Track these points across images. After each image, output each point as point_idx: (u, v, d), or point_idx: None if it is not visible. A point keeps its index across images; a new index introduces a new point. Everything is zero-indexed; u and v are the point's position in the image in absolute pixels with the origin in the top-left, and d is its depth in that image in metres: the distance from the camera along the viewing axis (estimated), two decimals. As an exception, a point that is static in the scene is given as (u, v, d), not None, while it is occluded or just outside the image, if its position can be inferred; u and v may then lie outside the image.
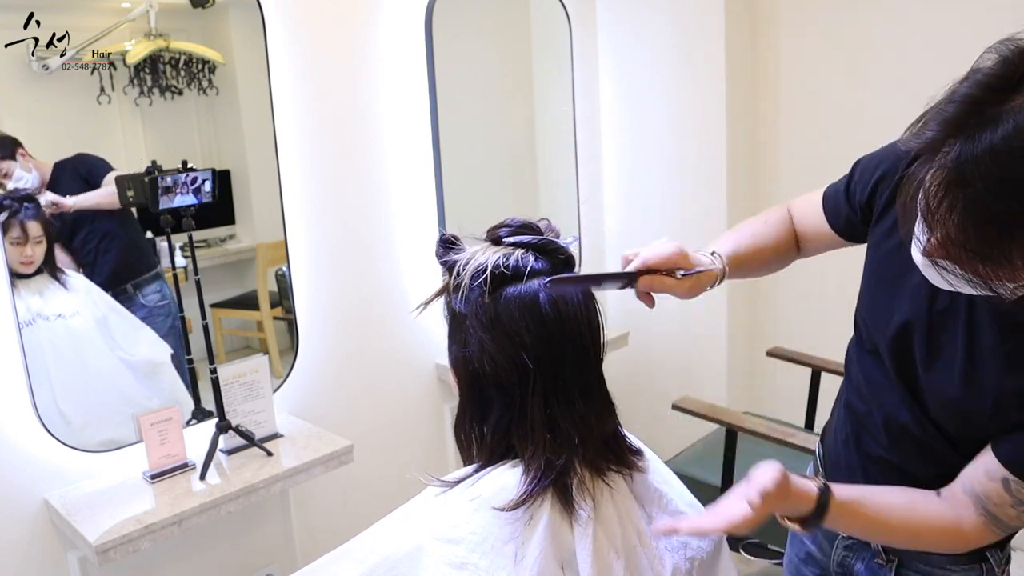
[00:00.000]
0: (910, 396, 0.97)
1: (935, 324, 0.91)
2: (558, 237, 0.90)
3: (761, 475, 0.84)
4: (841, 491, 0.90)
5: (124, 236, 1.83)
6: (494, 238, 0.89)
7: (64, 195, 1.71)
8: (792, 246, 1.17)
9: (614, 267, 2.94)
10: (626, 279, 0.92)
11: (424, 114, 2.23)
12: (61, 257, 1.74)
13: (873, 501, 0.92)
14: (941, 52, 2.28)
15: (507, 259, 0.85)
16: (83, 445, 1.65)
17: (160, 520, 1.49)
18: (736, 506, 0.83)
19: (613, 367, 0.92)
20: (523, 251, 0.86)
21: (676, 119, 2.68)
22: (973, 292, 0.77)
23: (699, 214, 2.68)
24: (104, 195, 1.74)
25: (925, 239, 0.74)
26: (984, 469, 0.88)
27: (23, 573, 1.62)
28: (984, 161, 0.66)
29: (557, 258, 0.87)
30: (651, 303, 0.94)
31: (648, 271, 0.93)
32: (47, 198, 1.69)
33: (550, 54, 2.65)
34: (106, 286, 1.80)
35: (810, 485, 0.89)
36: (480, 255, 0.86)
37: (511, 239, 0.87)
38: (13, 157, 1.64)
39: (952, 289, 0.79)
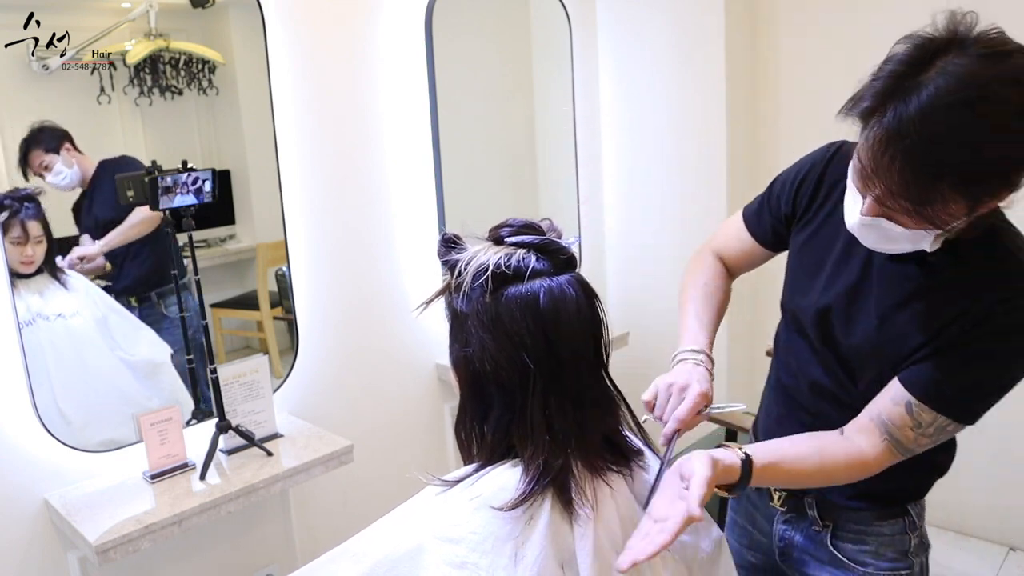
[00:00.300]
0: (834, 362, 1.11)
1: (849, 300, 1.07)
2: (560, 237, 0.90)
3: (696, 484, 0.86)
4: (760, 456, 0.99)
5: (156, 243, 1.81)
6: (496, 238, 0.89)
7: (101, 197, 1.71)
8: (728, 281, 1.34)
9: (614, 267, 2.95)
10: (667, 454, 0.99)
11: (424, 114, 2.23)
12: (92, 260, 1.74)
13: (789, 458, 1.03)
14: None
15: (508, 259, 0.84)
16: (83, 445, 1.65)
17: (160, 520, 1.49)
18: (677, 513, 0.83)
19: (613, 367, 0.92)
20: (524, 251, 0.86)
21: (676, 119, 2.68)
22: (897, 248, 0.95)
23: (699, 214, 2.68)
24: (130, 227, 1.73)
25: (862, 202, 0.91)
26: (890, 396, 1.01)
27: (23, 573, 1.62)
28: (916, 118, 0.82)
29: (559, 259, 0.87)
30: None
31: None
32: (73, 254, 1.70)
33: (550, 54, 2.65)
34: (129, 292, 1.79)
35: (733, 459, 0.96)
36: (482, 255, 0.86)
37: (513, 239, 0.87)
38: (57, 151, 1.65)
39: (882, 250, 0.97)
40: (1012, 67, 0.81)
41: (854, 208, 0.94)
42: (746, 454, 0.98)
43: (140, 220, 1.75)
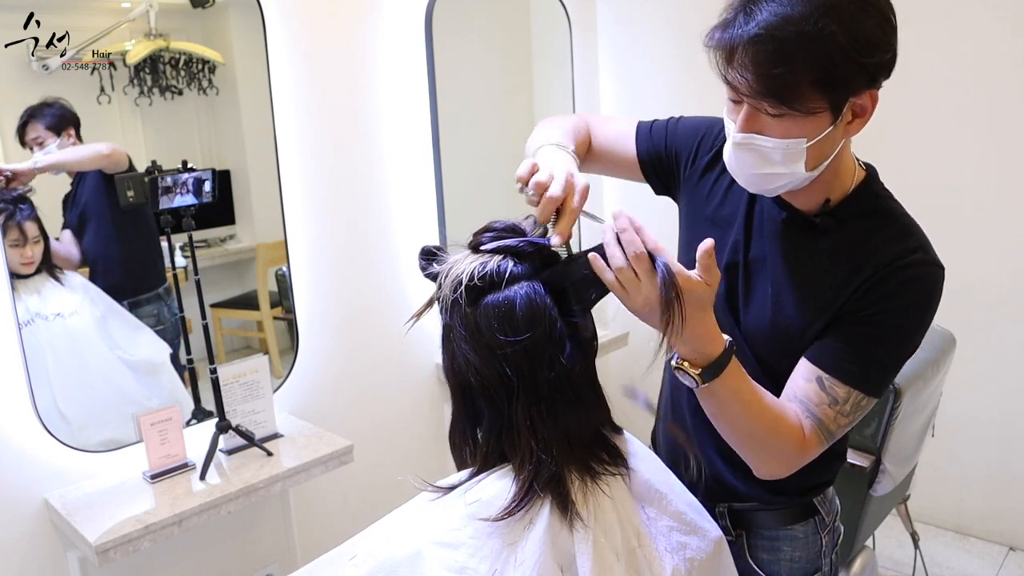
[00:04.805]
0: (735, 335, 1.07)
1: (747, 271, 1.07)
2: (546, 233, 0.89)
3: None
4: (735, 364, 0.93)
5: (133, 244, 1.81)
6: (474, 245, 0.88)
7: (86, 191, 1.70)
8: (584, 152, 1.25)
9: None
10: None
11: (424, 114, 2.23)
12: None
13: (754, 386, 0.96)
14: (939, 51, 2.28)
15: (483, 268, 0.83)
16: (83, 445, 1.65)
17: (160, 520, 1.49)
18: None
19: (613, 367, 0.92)
20: (501, 257, 0.85)
21: (676, 119, 2.67)
22: (774, 175, 0.94)
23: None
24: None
25: (735, 126, 0.94)
26: (801, 374, 1.00)
27: (23, 573, 1.62)
28: (763, 22, 0.88)
29: (538, 260, 0.86)
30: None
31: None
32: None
33: (550, 54, 2.65)
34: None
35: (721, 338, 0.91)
36: (459, 265, 0.85)
37: (490, 245, 0.86)
38: (58, 133, 1.64)
39: (759, 186, 0.98)
40: None
41: (728, 143, 0.97)
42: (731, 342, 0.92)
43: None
